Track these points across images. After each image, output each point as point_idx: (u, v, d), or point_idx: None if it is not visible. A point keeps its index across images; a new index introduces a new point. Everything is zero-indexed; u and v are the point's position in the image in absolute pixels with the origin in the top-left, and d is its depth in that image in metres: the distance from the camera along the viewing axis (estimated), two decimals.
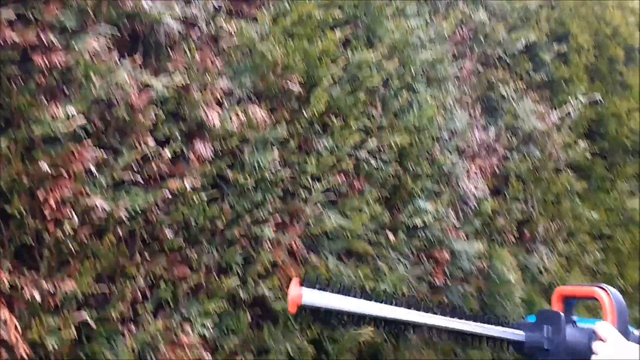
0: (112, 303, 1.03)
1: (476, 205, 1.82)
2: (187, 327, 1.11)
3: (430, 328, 1.34)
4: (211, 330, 1.14)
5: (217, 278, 1.18)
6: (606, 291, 1.31)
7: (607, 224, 2.17)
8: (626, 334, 1.27)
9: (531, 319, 1.50)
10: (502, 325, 1.45)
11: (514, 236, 1.93)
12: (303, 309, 1.05)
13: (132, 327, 1.06)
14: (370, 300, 1.24)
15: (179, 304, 1.13)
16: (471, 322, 1.44)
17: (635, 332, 1.41)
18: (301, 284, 1.11)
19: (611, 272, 2.13)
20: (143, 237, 1.10)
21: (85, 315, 0.98)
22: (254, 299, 1.24)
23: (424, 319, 1.35)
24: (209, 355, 1.12)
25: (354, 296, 1.19)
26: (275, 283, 1.26)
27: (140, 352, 1.05)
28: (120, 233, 1.06)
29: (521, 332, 1.43)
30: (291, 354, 1.26)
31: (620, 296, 1.32)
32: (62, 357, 0.98)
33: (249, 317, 1.21)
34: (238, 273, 1.21)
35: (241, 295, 1.21)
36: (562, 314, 1.35)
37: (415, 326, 1.30)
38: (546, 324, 1.37)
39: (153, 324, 1.07)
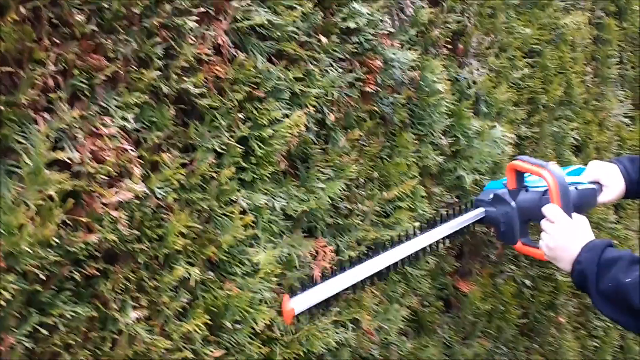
0: (21, 88, 0.96)
1: (413, 13, 1.77)
2: (106, 119, 1.07)
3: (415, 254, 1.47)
4: (132, 122, 1.10)
5: (136, 69, 1.12)
6: (552, 174, 1.44)
7: (538, 40, 2.18)
8: (568, 209, 1.43)
9: (491, 186, 1.66)
10: (465, 212, 1.63)
11: (447, 48, 1.92)
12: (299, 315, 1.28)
13: (46, 115, 1.00)
14: (349, 266, 1.43)
15: (96, 95, 1.07)
16: (442, 227, 1.59)
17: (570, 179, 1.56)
18: (290, 296, 1.30)
19: (536, 88, 2.19)
20: (50, 20, 1.00)
21: None
22: (178, 94, 1.19)
23: (402, 253, 1.46)
24: (132, 147, 1.10)
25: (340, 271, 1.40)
26: (200, 79, 1.21)
27: (57, 140, 1.01)
28: (24, 12, 0.95)
29: (481, 210, 1.62)
30: (218, 150, 1.26)
31: (563, 178, 1.45)
32: None
33: (173, 112, 1.17)
34: (159, 66, 1.14)
35: (163, 89, 1.16)
36: (513, 203, 1.54)
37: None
38: (499, 204, 1.57)
39: (69, 113, 1.02)
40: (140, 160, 1.12)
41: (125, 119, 1.09)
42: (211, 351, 1.22)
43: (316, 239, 1.53)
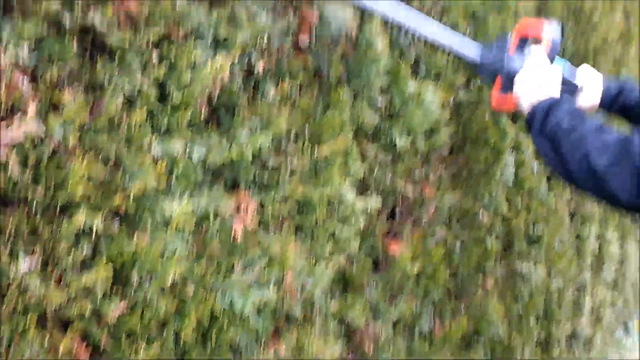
0: None
1: None
2: None
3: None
4: (27, 54, 1.00)
5: None
6: (553, 27, 1.54)
7: (482, 5, 2.15)
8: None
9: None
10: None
11: None
12: None
13: None
14: None
15: None
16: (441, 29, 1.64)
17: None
18: None
19: None
20: None
21: None
22: (83, 29, 1.09)
23: None
24: (27, 81, 1.00)
25: None
26: (109, 14, 1.11)
27: None
28: None
29: (479, 46, 1.56)
30: (129, 92, 1.16)
31: (559, 32, 1.55)
32: None
33: (76, 47, 1.07)
34: None
35: (66, 22, 1.05)
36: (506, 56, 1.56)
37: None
38: (497, 45, 1.59)
39: None
40: (36, 96, 1.02)
41: (19, 47, 0.98)
42: (116, 305, 1.15)
43: (239, 193, 1.47)
